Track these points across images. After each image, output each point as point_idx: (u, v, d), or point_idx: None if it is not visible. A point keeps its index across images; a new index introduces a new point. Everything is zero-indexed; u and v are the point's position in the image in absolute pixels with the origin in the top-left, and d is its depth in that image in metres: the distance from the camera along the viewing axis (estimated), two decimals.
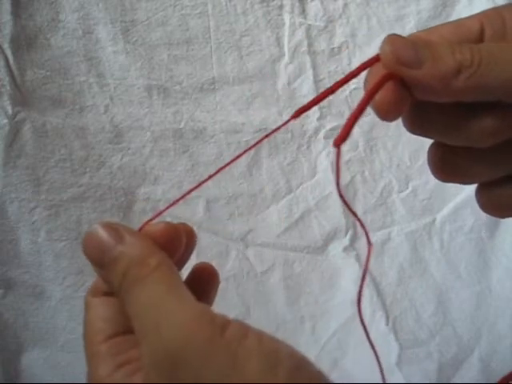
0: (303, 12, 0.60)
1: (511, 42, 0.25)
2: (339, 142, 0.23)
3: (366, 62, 0.25)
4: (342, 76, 0.25)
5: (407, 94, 0.24)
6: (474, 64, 0.23)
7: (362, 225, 0.25)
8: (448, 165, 0.27)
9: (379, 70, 0.24)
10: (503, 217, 0.28)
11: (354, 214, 0.26)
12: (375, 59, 0.25)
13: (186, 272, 0.66)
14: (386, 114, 0.25)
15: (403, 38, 0.24)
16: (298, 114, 0.25)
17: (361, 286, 0.25)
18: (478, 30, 0.25)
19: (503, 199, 0.27)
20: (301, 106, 0.25)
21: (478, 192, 0.28)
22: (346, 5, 0.61)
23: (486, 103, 0.24)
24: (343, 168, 0.62)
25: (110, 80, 0.58)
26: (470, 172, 0.27)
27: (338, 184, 0.25)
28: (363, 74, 0.26)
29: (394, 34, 0.24)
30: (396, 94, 0.24)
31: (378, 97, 0.24)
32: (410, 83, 0.24)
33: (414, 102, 0.25)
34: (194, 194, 0.65)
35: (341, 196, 0.25)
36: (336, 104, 0.61)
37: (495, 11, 0.26)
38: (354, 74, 0.25)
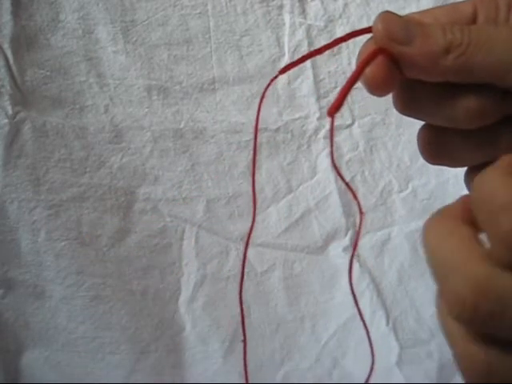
0: (303, 12, 0.60)
1: (503, 26, 0.25)
2: (333, 111, 0.24)
3: (357, 30, 0.26)
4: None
5: (397, 71, 0.25)
6: (463, 44, 0.23)
7: (355, 195, 0.25)
8: (436, 147, 0.28)
9: (371, 46, 0.25)
10: None
11: (347, 184, 0.26)
12: (366, 30, 0.25)
13: (186, 269, 0.66)
14: (376, 89, 0.25)
15: (396, 15, 0.25)
16: (285, 70, 0.26)
17: (351, 259, 0.25)
18: (471, 14, 0.26)
19: None
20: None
21: (467, 176, 0.28)
22: (346, 5, 0.61)
23: (474, 84, 0.24)
24: (343, 168, 0.62)
25: (110, 80, 0.58)
26: (457, 155, 0.27)
27: (332, 154, 0.25)
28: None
29: (387, 11, 0.25)
30: (386, 69, 0.25)
31: (368, 71, 0.24)
32: (400, 60, 0.24)
33: (404, 81, 0.26)
34: (193, 193, 0.66)
35: (334, 167, 0.25)
36: None
37: None
38: (343, 39, 0.26)
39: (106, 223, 0.59)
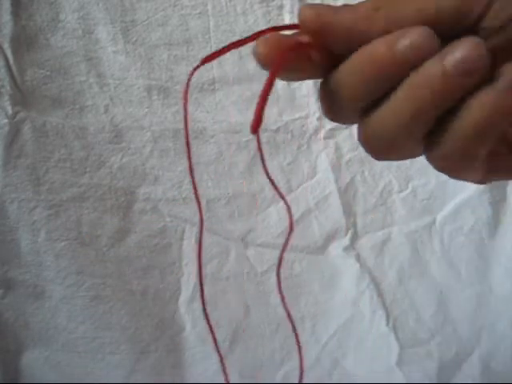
0: None
1: None
2: (255, 127, 0.24)
3: (282, 26, 0.26)
4: None
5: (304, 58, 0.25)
6: None
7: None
8: (375, 141, 0.27)
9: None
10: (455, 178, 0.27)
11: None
12: (290, 26, 0.26)
13: (186, 269, 0.66)
14: (264, 64, 0.26)
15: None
16: (207, 60, 0.27)
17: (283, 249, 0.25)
18: None
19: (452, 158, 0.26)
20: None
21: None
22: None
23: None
24: (343, 168, 0.62)
25: (110, 80, 0.58)
26: (393, 143, 0.26)
27: (260, 151, 0.25)
28: None
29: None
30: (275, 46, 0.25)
31: (260, 48, 0.25)
32: (332, 32, 0.25)
33: (324, 85, 0.26)
34: (193, 193, 0.65)
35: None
36: None
37: None
38: (264, 32, 0.26)
39: (106, 223, 0.59)
